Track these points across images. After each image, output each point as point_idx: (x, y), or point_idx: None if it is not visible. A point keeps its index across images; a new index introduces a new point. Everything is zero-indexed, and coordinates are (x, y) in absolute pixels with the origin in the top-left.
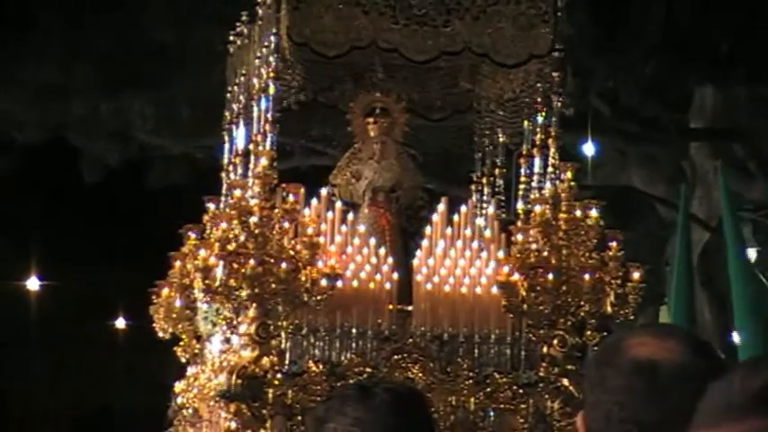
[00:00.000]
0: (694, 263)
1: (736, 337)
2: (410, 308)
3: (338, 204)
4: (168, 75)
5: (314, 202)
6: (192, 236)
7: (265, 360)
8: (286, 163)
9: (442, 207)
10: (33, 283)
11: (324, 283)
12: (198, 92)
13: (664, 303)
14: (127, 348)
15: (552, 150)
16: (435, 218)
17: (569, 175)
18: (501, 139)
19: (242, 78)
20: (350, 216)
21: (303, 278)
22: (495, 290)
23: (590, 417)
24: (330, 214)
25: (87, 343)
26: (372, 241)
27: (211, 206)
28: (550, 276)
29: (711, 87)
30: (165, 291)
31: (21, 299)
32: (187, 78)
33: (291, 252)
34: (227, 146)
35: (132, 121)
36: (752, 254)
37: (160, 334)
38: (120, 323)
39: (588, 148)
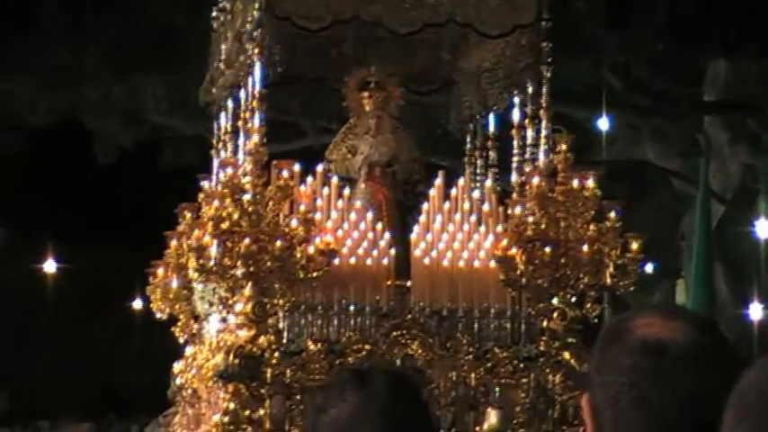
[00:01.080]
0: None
1: (752, 311)
2: (408, 283)
3: (334, 180)
4: (179, 57)
5: (309, 178)
6: (188, 214)
7: (262, 339)
8: (300, 142)
9: (438, 181)
10: (50, 266)
11: (320, 259)
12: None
13: (680, 277)
14: (143, 329)
15: (545, 122)
16: (432, 192)
17: (564, 146)
18: (492, 112)
19: (227, 54)
20: (346, 191)
21: (299, 255)
22: (493, 264)
23: (597, 398)
24: (326, 190)
25: (105, 324)
26: (369, 216)
27: (205, 184)
28: (548, 249)
29: (724, 61)
30: (161, 271)
31: (38, 281)
32: (198, 60)
33: (286, 229)
34: (215, 124)
35: (145, 103)
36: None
37: (158, 314)
38: (137, 304)
39: (602, 123)
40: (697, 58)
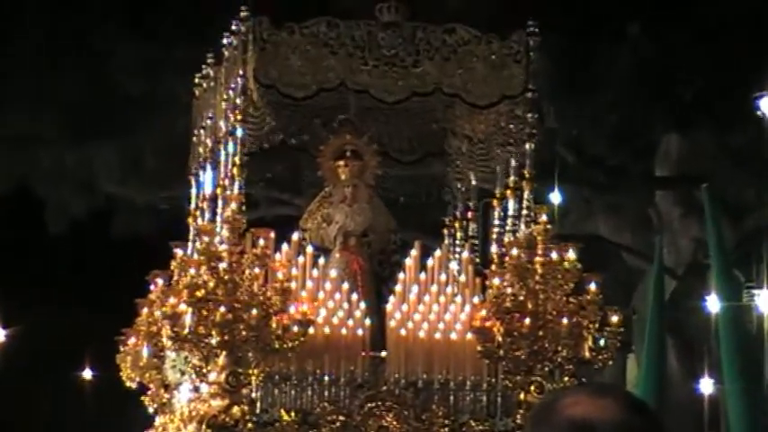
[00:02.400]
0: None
1: (702, 386)
2: (384, 354)
3: (309, 249)
4: (134, 124)
5: (284, 247)
6: (160, 282)
7: (236, 409)
8: (252, 213)
9: (415, 251)
10: None
11: (295, 329)
12: (163, 141)
13: (631, 351)
14: (93, 400)
15: (527, 193)
16: (408, 262)
17: (545, 217)
18: (473, 183)
19: (208, 122)
20: (321, 261)
21: (274, 325)
22: (470, 335)
23: None
24: (301, 259)
25: (53, 393)
26: (344, 286)
27: (179, 251)
28: (527, 321)
29: (677, 135)
30: (132, 339)
31: None
32: (152, 128)
33: (262, 298)
34: (193, 191)
35: (97, 171)
36: (718, 302)
37: (127, 383)
38: (87, 374)
39: (555, 197)
40: (650, 132)
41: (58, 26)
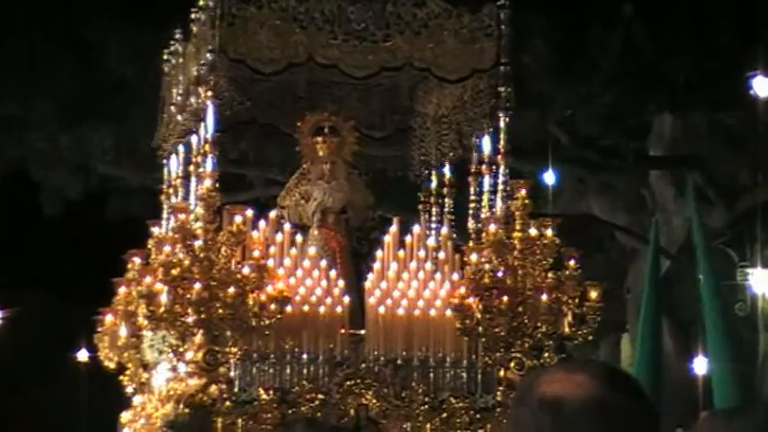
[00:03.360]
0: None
1: (696, 365)
2: (362, 332)
3: (287, 226)
4: (127, 107)
5: (261, 224)
6: (137, 261)
7: (213, 388)
8: (247, 194)
9: (393, 228)
10: None
11: (273, 307)
12: (156, 124)
13: (625, 331)
14: (88, 381)
15: (502, 168)
16: (387, 239)
17: (523, 192)
18: (449, 158)
19: (178, 98)
20: (299, 238)
21: (251, 302)
22: (449, 312)
23: None
24: (279, 236)
25: (49, 375)
26: (323, 264)
27: (155, 230)
28: (506, 298)
29: (670, 115)
30: (109, 318)
31: None
32: (146, 110)
33: (238, 276)
34: (165, 169)
35: (92, 153)
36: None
37: (105, 363)
38: (83, 355)
39: (549, 177)
40: (643, 112)
41: (52, 12)
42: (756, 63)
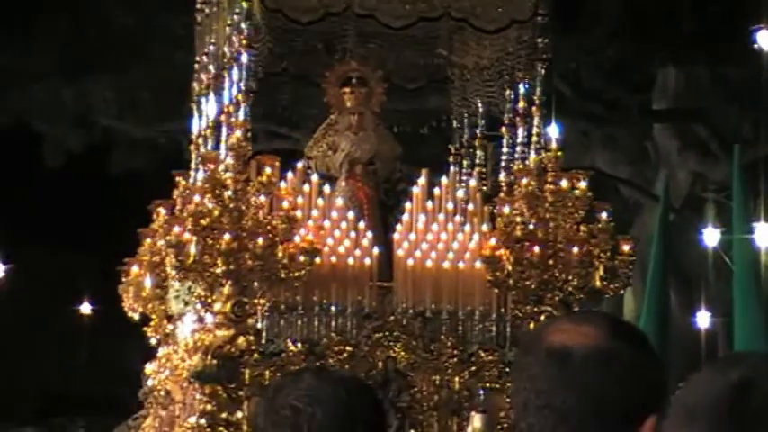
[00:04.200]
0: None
1: (699, 319)
2: (391, 284)
3: (314, 177)
4: (129, 59)
5: (289, 175)
6: (162, 212)
7: (241, 339)
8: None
9: (422, 180)
10: None
11: (302, 258)
12: (159, 76)
13: (629, 285)
14: (91, 333)
15: (536, 119)
16: (415, 190)
17: (555, 144)
18: (480, 110)
19: (211, 48)
20: (326, 189)
21: (280, 254)
22: (479, 264)
23: (514, 407)
24: (306, 188)
25: (52, 327)
26: (351, 215)
27: (182, 180)
28: (537, 250)
29: (674, 68)
30: (135, 269)
31: None
32: (149, 62)
33: (268, 227)
34: (195, 119)
35: (94, 106)
36: (715, 235)
37: (129, 314)
38: (86, 308)
39: (552, 130)
40: (647, 65)
41: None
42: (760, 16)
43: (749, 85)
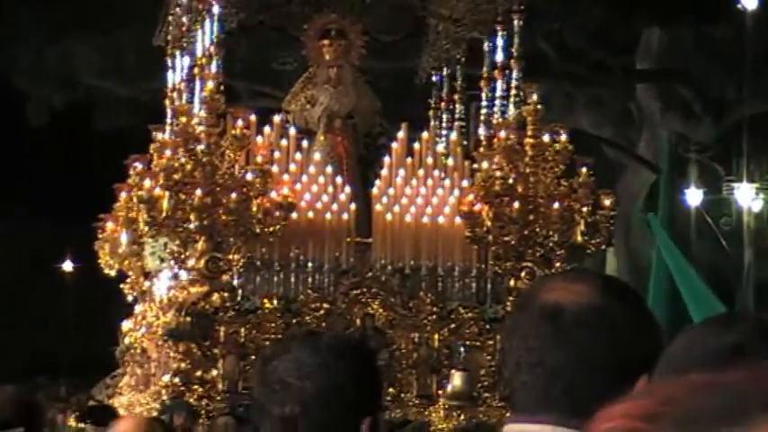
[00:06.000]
0: (640, 205)
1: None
2: (369, 240)
3: (292, 131)
4: (112, 19)
5: (266, 129)
6: (138, 166)
7: (216, 296)
8: (233, 105)
9: (401, 134)
10: None
11: (277, 213)
12: (143, 36)
13: (611, 245)
14: (75, 291)
15: (515, 72)
16: (395, 145)
17: (535, 97)
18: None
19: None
20: (304, 143)
21: (255, 208)
22: (458, 220)
23: (504, 363)
24: (284, 142)
25: (37, 286)
26: (329, 170)
27: (158, 135)
28: (516, 205)
29: (658, 29)
30: (110, 225)
31: None
32: (132, 23)
33: (242, 181)
34: (170, 72)
35: (78, 65)
36: (698, 195)
37: (106, 270)
38: (68, 266)
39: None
40: (631, 26)
41: None
42: None
43: (733, 45)
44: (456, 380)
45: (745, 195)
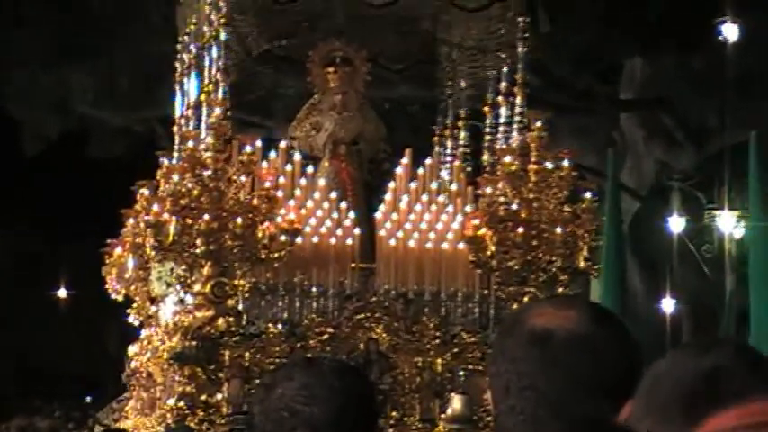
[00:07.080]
0: (625, 231)
1: (665, 305)
2: (373, 265)
3: (297, 157)
4: (107, 46)
5: (272, 155)
6: (145, 192)
7: (221, 320)
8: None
9: (405, 160)
10: None
11: (282, 238)
12: (136, 64)
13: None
14: (68, 318)
15: (519, 99)
16: (399, 171)
17: (539, 124)
18: (464, 91)
19: (192, 27)
20: (309, 169)
21: (260, 234)
22: (462, 245)
23: (494, 389)
24: (289, 167)
25: (28, 312)
26: (333, 195)
27: (165, 161)
28: (520, 230)
29: (641, 59)
30: (118, 250)
31: None
32: (127, 50)
33: (248, 206)
34: (178, 98)
35: (72, 93)
36: (680, 223)
37: (113, 295)
38: (62, 293)
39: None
40: (614, 55)
41: None
42: (725, 8)
43: (714, 75)
44: (456, 403)
45: (726, 223)
